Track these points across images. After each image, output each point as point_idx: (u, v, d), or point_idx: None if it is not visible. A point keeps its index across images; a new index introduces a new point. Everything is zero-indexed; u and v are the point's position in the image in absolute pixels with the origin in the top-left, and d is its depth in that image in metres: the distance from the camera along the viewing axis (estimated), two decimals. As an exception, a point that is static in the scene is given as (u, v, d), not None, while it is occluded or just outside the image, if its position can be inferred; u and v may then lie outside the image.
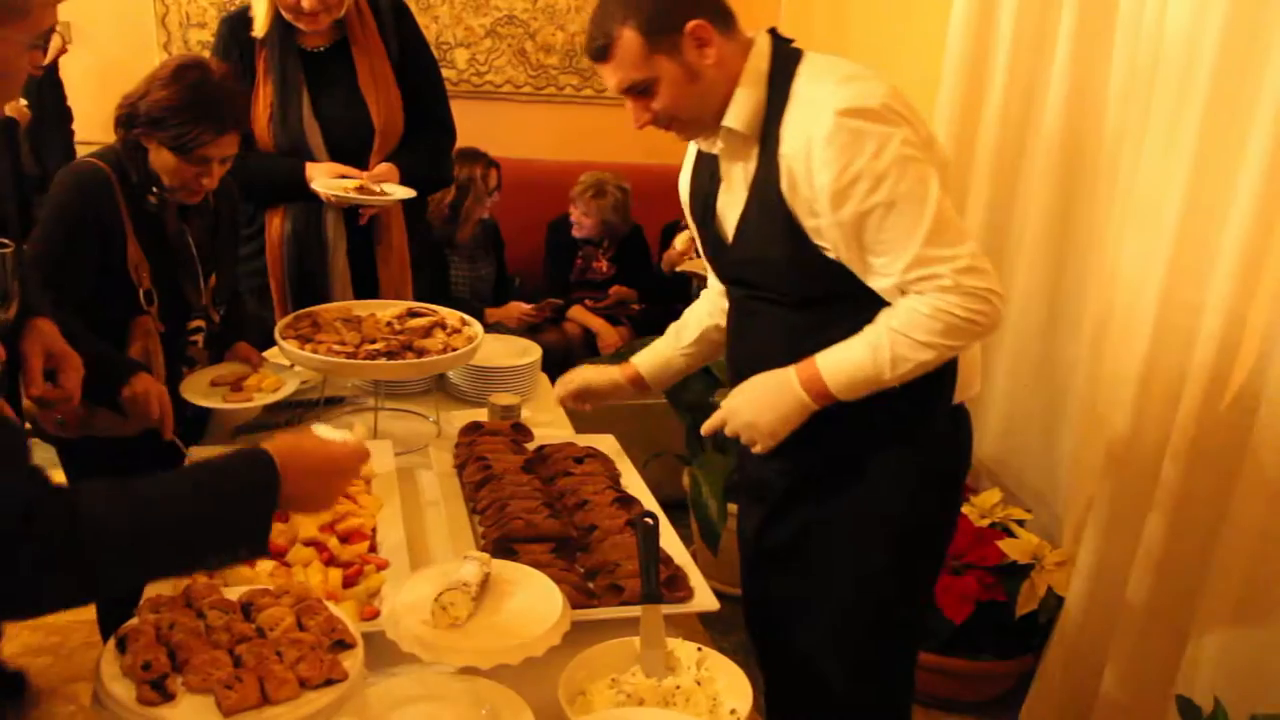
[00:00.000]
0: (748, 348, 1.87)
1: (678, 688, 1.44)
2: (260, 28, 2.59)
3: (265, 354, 2.31)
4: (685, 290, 4.30)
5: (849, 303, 1.70)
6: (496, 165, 4.12)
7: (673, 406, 3.42)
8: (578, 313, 4.26)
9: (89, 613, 2.79)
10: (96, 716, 1.28)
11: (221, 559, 1.26)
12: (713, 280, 2.05)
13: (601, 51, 1.68)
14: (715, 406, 1.83)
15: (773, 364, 1.75)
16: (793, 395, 1.71)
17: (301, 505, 1.35)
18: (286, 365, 2.24)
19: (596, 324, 4.23)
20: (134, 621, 1.37)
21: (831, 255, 1.68)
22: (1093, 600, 2.66)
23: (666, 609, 1.57)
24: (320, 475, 1.33)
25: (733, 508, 3.20)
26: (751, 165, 1.73)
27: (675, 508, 2.10)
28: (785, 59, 1.70)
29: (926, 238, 1.59)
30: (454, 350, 2.17)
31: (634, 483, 2.01)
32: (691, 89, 1.68)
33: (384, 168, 2.67)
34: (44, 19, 1.32)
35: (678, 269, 4.20)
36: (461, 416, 2.28)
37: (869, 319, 1.68)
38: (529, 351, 2.58)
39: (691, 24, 1.64)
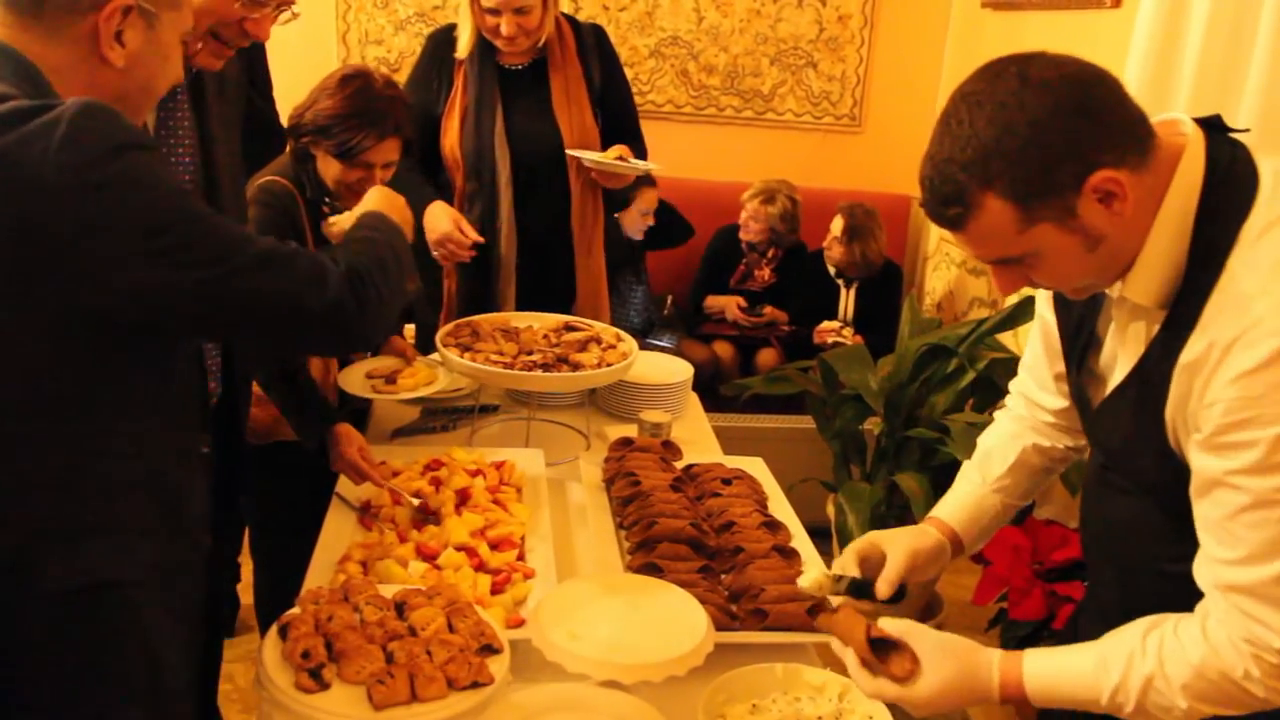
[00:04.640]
0: (1102, 527, 1.44)
1: (820, 718, 1.42)
2: (464, 49, 2.68)
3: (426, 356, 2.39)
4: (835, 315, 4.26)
5: None
6: (653, 183, 4.07)
7: (820, 433, 3.38)
8: (715, 300, 4.29)
9: (246, 597, 2.93)
10: (254, 696, 1.34)
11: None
12: (1024, 386, 1.56)
13: (953, 221, 1.18)
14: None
15: (1131, 554, 1.36)
16: (986, 697, 1.26)
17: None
18: (440, 362, 2.31)
19: (727, 307, 4.26)
20: (295, 611, 1.43)
21: None
22: None
23: (811, 637, 1.56)
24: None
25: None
26: (1152, 328, 1.23)
27: (819, 534, 2.07)
28: (1225, 201, 1.15)
29: None
30: (608, 365, 2.20)
31: (781, 508, 1.99)
32: (1088, 260, 1.18)
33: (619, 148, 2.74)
34: (190, 18, 1.40)
35: (829, 340, 4.15)
36: (612, 431, 2.30)
37: None
38: (680, 370, 2.59)
39: (1096, 178, 1.11)
